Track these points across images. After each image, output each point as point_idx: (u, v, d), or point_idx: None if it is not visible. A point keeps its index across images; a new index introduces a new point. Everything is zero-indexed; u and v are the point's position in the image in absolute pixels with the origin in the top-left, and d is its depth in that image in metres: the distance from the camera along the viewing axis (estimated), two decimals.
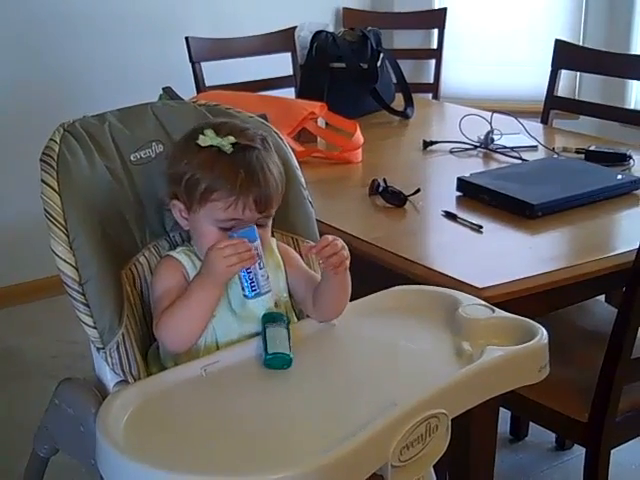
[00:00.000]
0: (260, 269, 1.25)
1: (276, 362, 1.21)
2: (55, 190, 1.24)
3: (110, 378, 1.26)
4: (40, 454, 1.45)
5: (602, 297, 2.23)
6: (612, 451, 1.74)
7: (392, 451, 1.05)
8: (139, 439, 1.07)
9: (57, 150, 1.27)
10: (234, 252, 1.21)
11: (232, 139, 1.26)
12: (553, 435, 2.35)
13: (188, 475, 0.99)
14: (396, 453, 1.06)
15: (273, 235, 1.43)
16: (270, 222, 1.32)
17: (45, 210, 1.24)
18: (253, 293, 1.25)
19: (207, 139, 1.26)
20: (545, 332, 1.25)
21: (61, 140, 1.29)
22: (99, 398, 1.24)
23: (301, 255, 1.42)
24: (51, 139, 1.29)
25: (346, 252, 1.28)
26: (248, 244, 1.22)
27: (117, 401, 1.15)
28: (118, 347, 1.24)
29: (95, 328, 1.23)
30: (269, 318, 1.26)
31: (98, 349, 1.24)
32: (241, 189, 1.23)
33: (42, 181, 1.25)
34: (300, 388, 1.20)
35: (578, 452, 2.25)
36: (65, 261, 1.23)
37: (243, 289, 1.25)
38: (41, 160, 1.27)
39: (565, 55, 2.65)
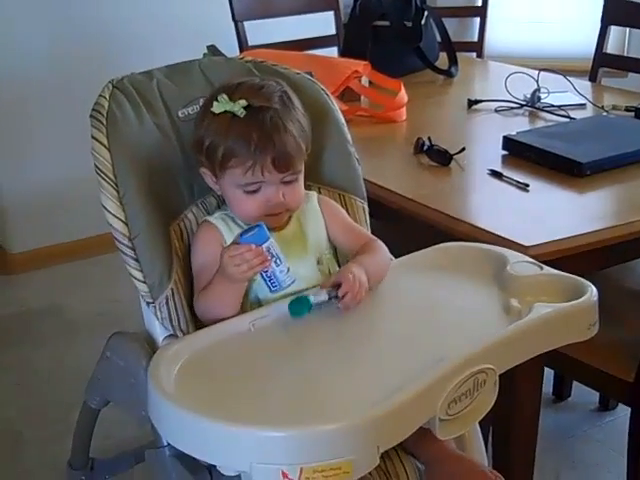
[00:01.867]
0: (277, 266, 1.24)
1: (296, 305, 1.22)
2: (105, 146, 1.25)
3: (159, 332, 1.28)
4: (91, 405, 1.48)
5: None
6: None
7: (440, 405, 1.06)
8: (190, 390, 1.09)
9: (106, 106, 1.28)
10: (243, 261, 1.20)
11: (244, 102, 1.24)
12: (596, 396, 2.34)
13: (240, 424, 1.00)
14: (444, 407, 1.06)
15: (320, 192, 1.43)
16: (301, 178, 1.31)
17: (95, 166, 1.25)
18: (274, 289, 1.26)
19: (220, 105, 1.25)
20: (595, 289, 1.24)
21: (110, 96, 1.30)
22: (149, 351, 1.26)
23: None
24: (100, 95, 1.30)
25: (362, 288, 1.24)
26: (257, 250, 1.20)
27: (168, 353, 1.17)
28: (167, 301, 1.26)
29: (145, 283, 1.25)
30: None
31: (148, 303, 1.26)
32: (256, 153, 1.23)
33: (92, 137, 1.26)
34: (349, 343, 1.21)
35: (622, 413, 2.24)
36: (115, 216, 1.24)
37: (266, 285, 1.26)
38: (91, 116, 1.28)
39: (615, 11, 2.59)
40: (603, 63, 2.62)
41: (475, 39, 3.30)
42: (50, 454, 2.16)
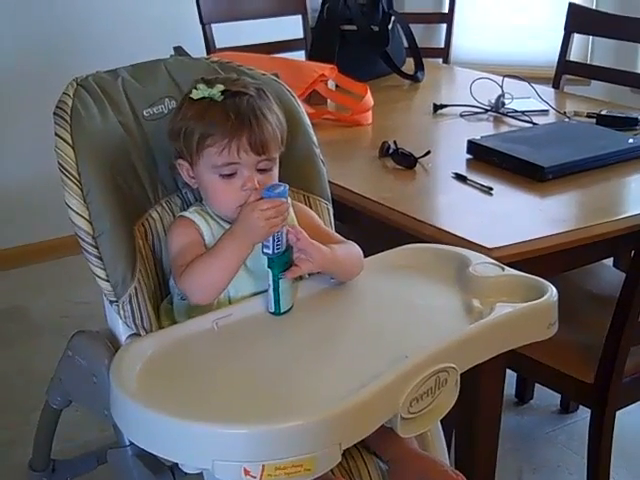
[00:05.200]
0: (284, 227, 1.25)
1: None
2: (69, 143, 1.25)
3: (122, 331, 1.27)
4: (53, 406, 1.47)
5: (610, 262, 2.24)
6: (617, 415, 1.76)
7: (402, 403, 1.07)
8: (153, 388, 1.09)
9: (70, 104, 1.28)
10: (277, 214, 1.21)
11: (221, 87, 1.27)
12: (558, 398, 2.37)
13: (202, 422, 1.00)
14: (406, 405, 1.07)
15: None
16: (275, 169, 1.31)
17: (59, 163, 1.25)
18: (276, 251, 1.24)
19: (199, 92, 1.27)
20: (554, 290, 1.26)
21: (74, 94, 1.29)
22: (112, 350, 1.25)
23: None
24: (64, 93, 1.30)
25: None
26: (287, 203, 1.23)
27: (131, 351, 1.17)
28: (131, 300, 1.25)
29: (108, 281, 1.25)
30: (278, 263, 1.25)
31: (111, 302, 1.26)
32: (232, 131, 1.24)
33: (56, 134, 1.26)
34: (312, 341, 1.21)
35: (582, 415, 2.27)
36: (79, 214, 1.24)
37: (267, 247, 1.24)
38: (55, 114, 1.28)
39: (578, 19, 2.62)
40: (566, 70, 2.66)
41: (441, 45, 3.34)
42: (11, 456, 2.13)
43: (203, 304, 1.26)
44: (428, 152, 1.88)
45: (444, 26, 3.35)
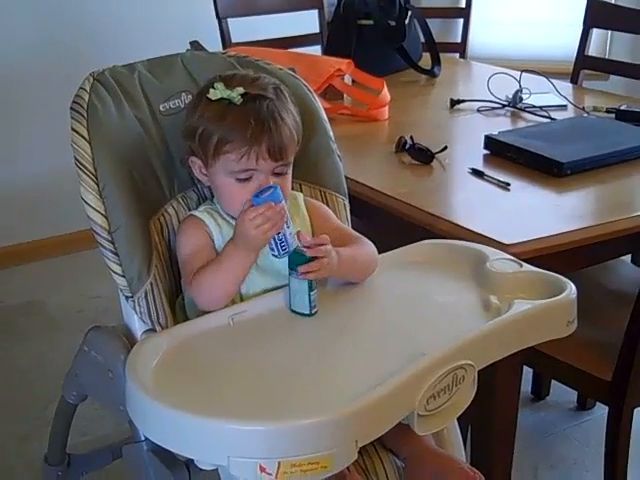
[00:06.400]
0: (288, 227, 1.23)
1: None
2: (85, 138, 1.24)
3: (138, 327, 1.27)
4: (69, 400, 1.47)
5: (628, 258, 2.22)
6: (635, 412, 1.74)
7: (419, 400, 1.06)
8: (168, 384, 1.09)
9: (87, 99, 1.27)
10: (266, 220, 1.20)
11: (241, 90, 1.25)
12: (574, 395, 2.36)
13: (218, 418, 1.00)
14: (423, 402, 1.07)
15: (301, 190, 1.43)
16: (290, 171, 1.31)
17: (75, 158, 1.24)
18: (283, 252, 1.24)
19: (217, 92, 1.25)
20: (573, 286, 1.25)
21: (91, 89, 1.29)
22: (127, 346, 1.25)
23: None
24: (81, 88, 1.29)
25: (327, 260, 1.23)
26: (277, 207, 1.21)
27: (146, 347, 1.17)
28: (146, 296, 1.25)
29: (124, 277, 1.24)
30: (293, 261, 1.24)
31: (127, 298, 1.25)
32: (252, 139, 1.23)
33: (72, 129, 1.25)
34: (328, 338, 1.21)
35: (599, 412, 2.25)
36: (95, 209, 1.23)
37: (273, 250, 1.24)
38: (71, 108, 1.27)
39: (597, 13, 2.60)
40: (585, 65, 2.64)
41: (458, 40, 3.32)
42: (27, 450, 2.14)
43: (211, 310, 1.26)
44: (445, 147, 1.86)
45: (461, 21, 3.32)
